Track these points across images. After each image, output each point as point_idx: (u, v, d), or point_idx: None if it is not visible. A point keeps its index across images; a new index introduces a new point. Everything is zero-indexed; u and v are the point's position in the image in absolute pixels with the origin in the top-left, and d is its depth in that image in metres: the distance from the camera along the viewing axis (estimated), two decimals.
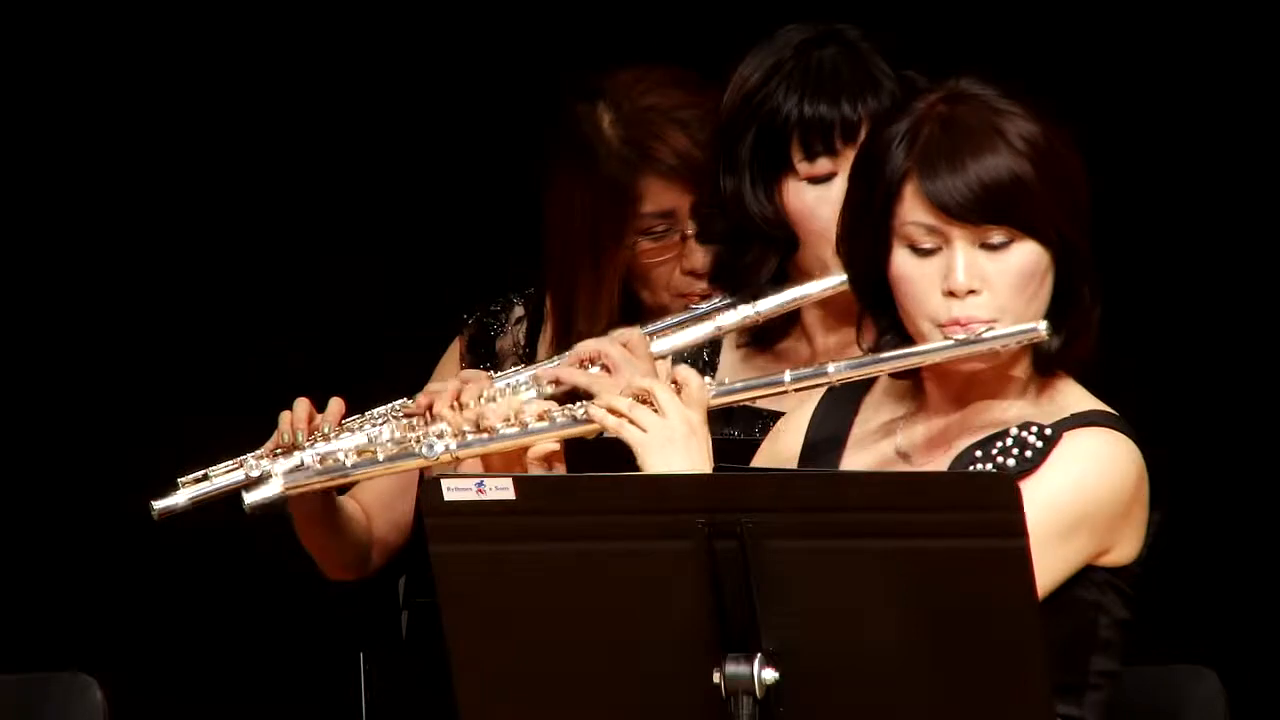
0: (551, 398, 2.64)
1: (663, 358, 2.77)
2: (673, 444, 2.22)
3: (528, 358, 3.09)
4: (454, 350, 3.18)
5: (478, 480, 1.91)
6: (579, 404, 2.35)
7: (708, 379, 2.37)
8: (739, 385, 2.42)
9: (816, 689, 1.89)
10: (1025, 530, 1.84)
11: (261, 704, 4.20)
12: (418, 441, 2.37)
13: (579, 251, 3.05)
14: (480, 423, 2.36)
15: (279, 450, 2.73)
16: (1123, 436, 2.20)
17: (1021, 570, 1.86)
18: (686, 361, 2.94)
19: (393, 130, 4.46)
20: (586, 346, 2.65)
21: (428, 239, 4.43)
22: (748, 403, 2.56)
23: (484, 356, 3.07)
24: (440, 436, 2.35)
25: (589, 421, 2.31)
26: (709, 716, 1.89)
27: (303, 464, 2.57)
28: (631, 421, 2.24)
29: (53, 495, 4.25)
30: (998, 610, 1.87)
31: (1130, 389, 4.37)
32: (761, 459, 2.40)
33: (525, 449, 2.34)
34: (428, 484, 1.94)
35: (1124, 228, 4.90)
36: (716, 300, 2.91)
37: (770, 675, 1.86)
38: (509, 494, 1.89)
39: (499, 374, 2.87)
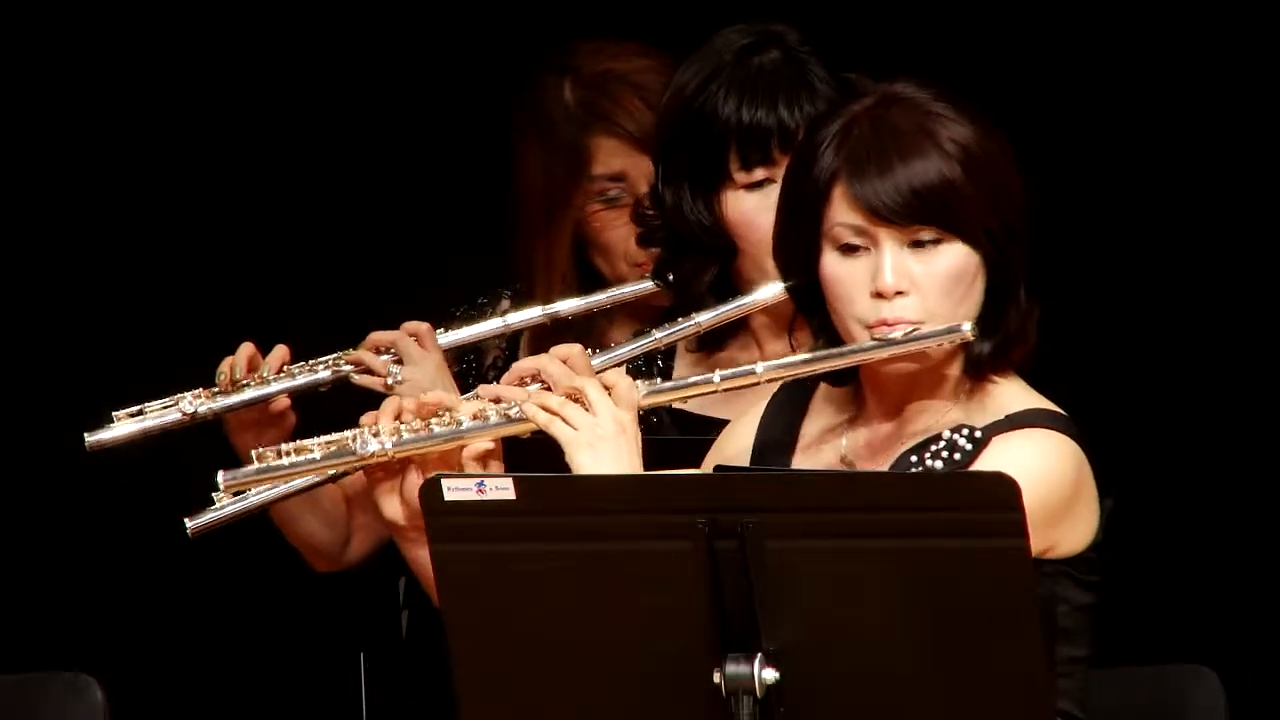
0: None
1: (602, 371, 2.76)
2: (602, 442, 2.24)
3: (511, 349, 3.09)
4: None
5: (478, 480, 1.92)
6: (513, 403, 2.37)
7: (639, 382, 2.39)
8: (669, 385, 2.44)
9: (816, 689, 1.89)
10: (1025, 530, 1.84)
11: (261, 704, 4.20)
12: (354, 440, 2.39)
13: (534, 215, 3.05)
14: (416, 421, 2.38)
15: (218, 391, 2.74)
16: (1054, 433, 2.19)
17: (1021, 570, 1.86)
18: (639, 366, 2.94)
19: (385, 128, 4.46)
20: (525, 364, 2.62)
21: (417, 234, 4.43)
22: (679, 404, 2.56)
23: (469, 349, 3.07)
24: (376, 435, 2.37)
25: (523, 420, 2.33)
26: (709, 716, 1.89)
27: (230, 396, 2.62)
28: (563, 419, 2.27)
29: (53, 495, 4.25)
30: (998, 610, 1.87)
31: (1134, 392, 4.38)
32: (712, 459, 2.42)
33: (461, 448, 2.36)
34: (428, 483, 1.95)
35: (1097, 222, 4.90)
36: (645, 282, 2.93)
37: (770, 675, 1.86)
38: (509, 494, 1.90)
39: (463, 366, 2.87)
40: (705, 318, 2.74)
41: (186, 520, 2.50)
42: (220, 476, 2.45)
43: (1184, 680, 2.67)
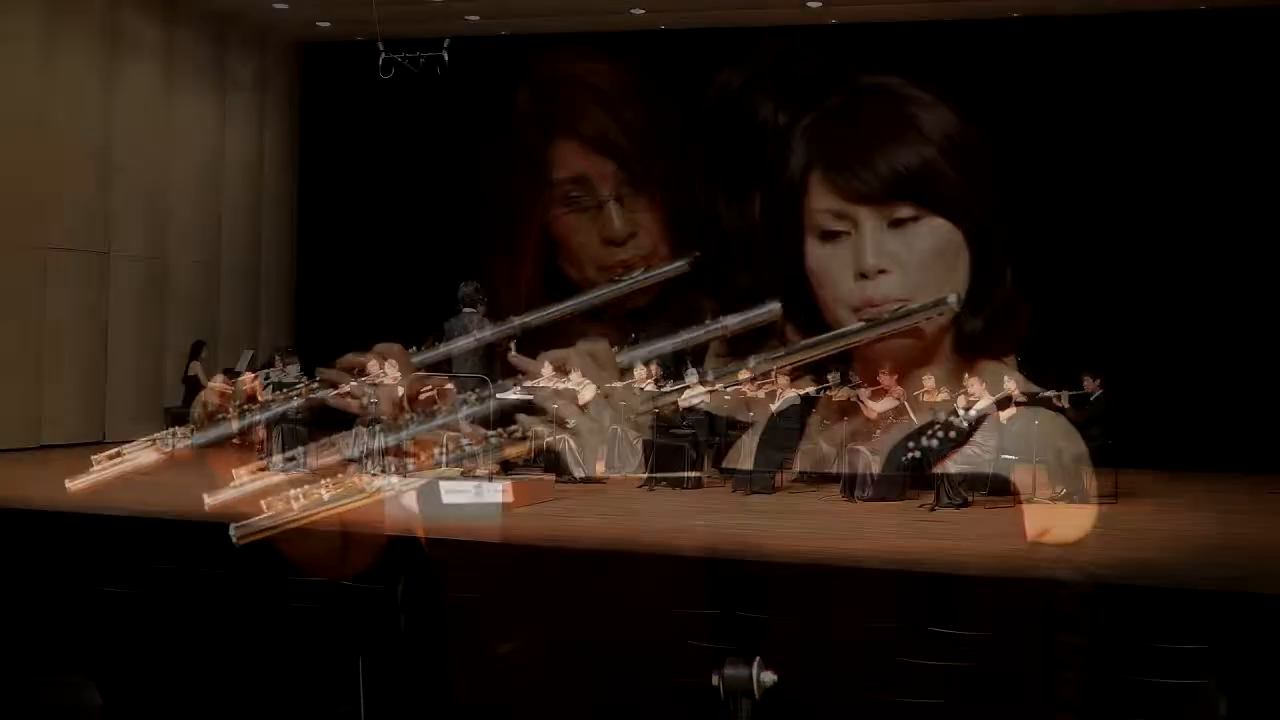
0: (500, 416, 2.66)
1: (632, 366, 2.80)
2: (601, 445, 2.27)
3: (488, 357, 3.09)
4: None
5: (476, 483, 1.93)
6: (512, 426, 2.41)
7: (639, 389, 2.43)
8: (667, 390, 2.48)
9: (816, 690, 1.90)
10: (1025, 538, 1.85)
11: (261, 704, 4.20)
12: (361, 479, 2.44)
13: (500, 223, 3.07)
14: (420, 456, 2.43)
15: (194, 428, 2.78)
16: (1050, 414, 2.21)
17: (1022, 574, 1.87)
18: (670, 367, 2.97)
19: (372, 140, 4.46)
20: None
21: (402, 252, 4.43)
22: (707, 407, 2.59)
23: (435, 340, 3.07)
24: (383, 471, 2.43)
25: (526, 439, 2.37)
26: (709, 717, 1.90)
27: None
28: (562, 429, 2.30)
29: (52, 495, 4.25)
30: (997, 610, 1.88)
31: (1132, 388, 4.39)
32: (731, 452, 2.45)
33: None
34: (427, 486, 1.96)
35: (1090, 220, 4.92)
36: (637, 274, 2.95)
37: (769, 677, 1.87)
38: (509, 495, 1.91)
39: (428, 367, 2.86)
40: (732, 321, 2.79)
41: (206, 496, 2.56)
42: (232, 529, 2.50)
43: (1176, 680, 2.69)
